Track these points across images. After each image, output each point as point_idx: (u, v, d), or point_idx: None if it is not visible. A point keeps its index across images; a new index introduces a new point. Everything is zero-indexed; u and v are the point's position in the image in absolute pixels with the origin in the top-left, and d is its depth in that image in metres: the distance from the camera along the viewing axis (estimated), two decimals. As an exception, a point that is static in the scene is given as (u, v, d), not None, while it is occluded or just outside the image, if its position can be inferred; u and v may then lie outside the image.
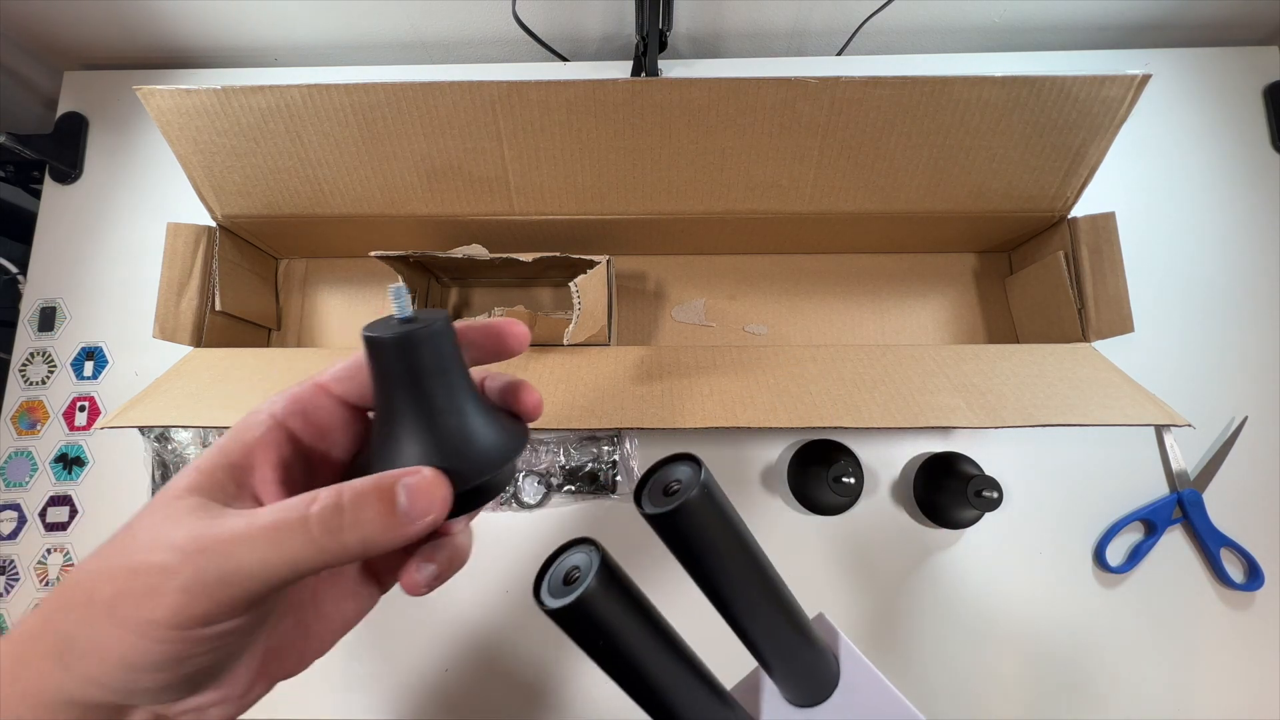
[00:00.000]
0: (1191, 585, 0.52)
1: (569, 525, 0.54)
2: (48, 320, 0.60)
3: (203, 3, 0.61)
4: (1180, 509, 0.53)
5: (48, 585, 0.55)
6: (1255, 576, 0.51)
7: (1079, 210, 0.51)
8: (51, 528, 0.56)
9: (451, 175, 0.50)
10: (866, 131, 0.47)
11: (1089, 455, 0.54)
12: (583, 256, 0.48)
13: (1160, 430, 0.55)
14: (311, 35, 0.66)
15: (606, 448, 0.55)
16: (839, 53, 0.66)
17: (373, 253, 0.49)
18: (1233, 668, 0.51)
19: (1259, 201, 0.60)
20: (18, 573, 0.55)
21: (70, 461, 0.57)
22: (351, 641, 0.25)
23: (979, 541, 0.53)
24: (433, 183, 0.50)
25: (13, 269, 0.62)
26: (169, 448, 0.55)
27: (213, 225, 0.52)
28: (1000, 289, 0.59)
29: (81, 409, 0.58)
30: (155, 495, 0.20)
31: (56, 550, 0.55)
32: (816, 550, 0.53)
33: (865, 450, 0.54)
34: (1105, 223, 0.48)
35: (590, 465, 0.55)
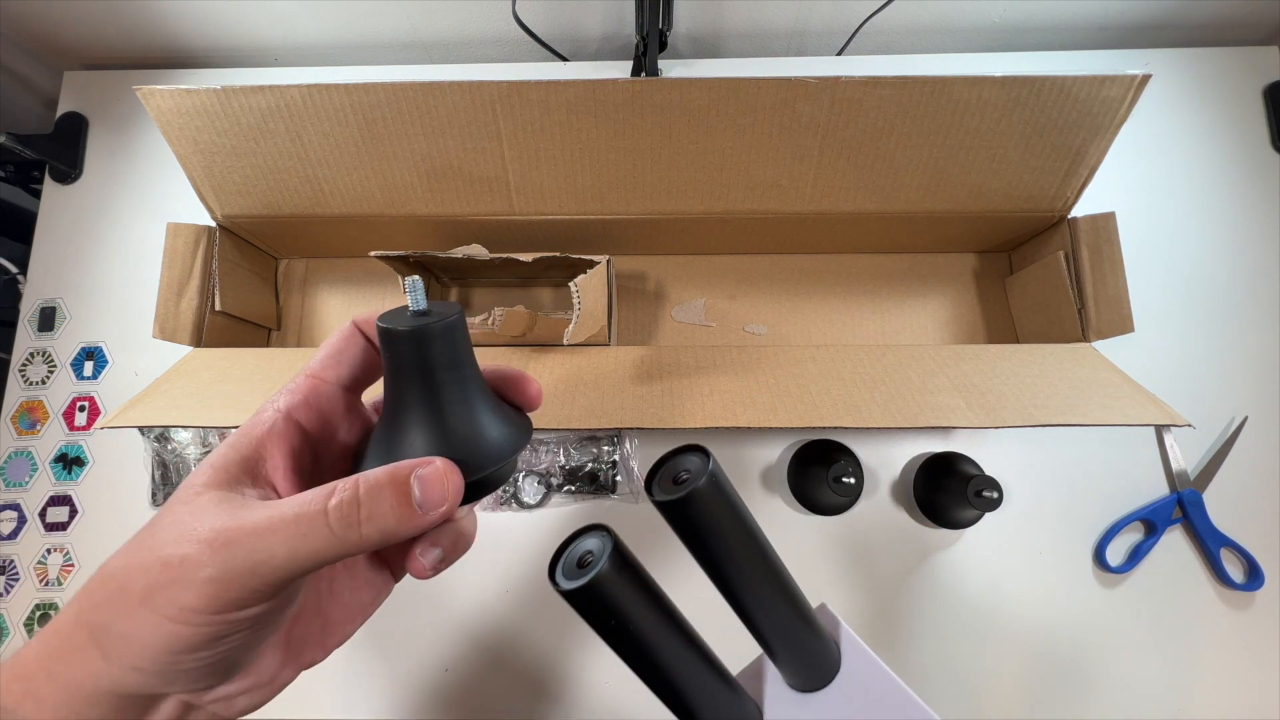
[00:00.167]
0: (1191, 585, 0.52)
1: (569, 525, 0.53)
2: (48, 320, 0.60)
3: (203, 3, 0.61)
4: (1180, 509, 0.53)
5: (48, 585, 0.55)
6: (1255, 576, 0.51)
7: (1079, 210, 0.51)
8: (51, 528, 0.56)
9: (451, 175, 0.50)
10: (866, 131, 0.47)
11: (1089, 455, 0.54)
12: (583, 256, 0.48)
13: (1160, 430, 0.55)
14: (311, 35, 0.66)
15: (606, 448, 0.55)
16: (839, 53, 0.66)
17: (373, 253, 0.49)
18: (1233, 668, 0.51)
19: (1259, 201, 0.60)
20: (18, 573, 0.55)
21: (70, 461, 0.57)
22: (352, 641, 0.25)
23: (979, 541, 0.53)
24: (433, 183, 0.50)
25: (13, 269, 0.62)
26: (169, 448, 0.55)
27: (213, 225, 0.52)
28: (1000, 289, 0.59)
29: (81, 409, 0.58)
30: (175, 492, 0.21)
31: (56, 550, 0.55)
32: (816, 550, 0.53)
33: (865, 450, 0.54)
34: (1105, 223, 0.48)
35: (590, 465, 0.55)
